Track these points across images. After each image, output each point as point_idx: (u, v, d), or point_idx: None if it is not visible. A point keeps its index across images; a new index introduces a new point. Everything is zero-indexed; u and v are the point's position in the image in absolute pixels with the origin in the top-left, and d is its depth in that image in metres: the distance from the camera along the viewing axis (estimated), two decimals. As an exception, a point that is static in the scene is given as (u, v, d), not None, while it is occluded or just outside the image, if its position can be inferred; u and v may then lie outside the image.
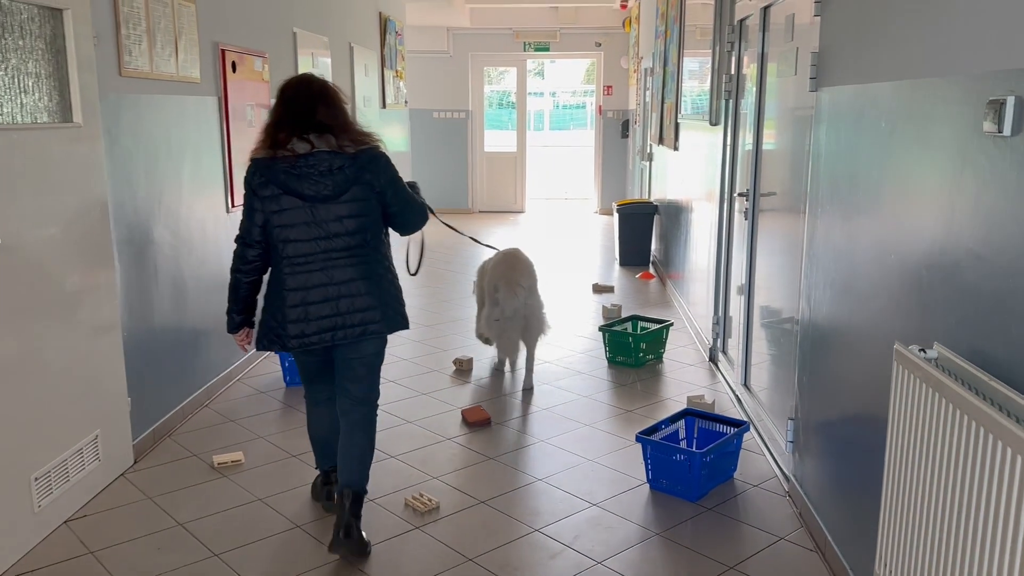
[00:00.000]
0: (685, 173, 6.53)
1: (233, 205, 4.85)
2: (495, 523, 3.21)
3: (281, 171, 2.85)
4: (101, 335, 3.46)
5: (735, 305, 4.74)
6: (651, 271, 8.10)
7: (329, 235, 2.90)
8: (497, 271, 4.73)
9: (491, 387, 4.79)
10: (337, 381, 3.09)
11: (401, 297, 3.09)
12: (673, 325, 5.47)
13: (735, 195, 4.70)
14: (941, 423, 1.77)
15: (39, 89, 3.11)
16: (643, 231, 8.39)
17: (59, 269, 3.18)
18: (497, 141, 13.68)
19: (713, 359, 5.18)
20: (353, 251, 2.93)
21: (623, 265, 8.43)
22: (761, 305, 4.19)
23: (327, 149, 2.87)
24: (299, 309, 2.91)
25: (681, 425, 3.73)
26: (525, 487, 3.51)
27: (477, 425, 4.16)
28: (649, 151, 9.03)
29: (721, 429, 3.66)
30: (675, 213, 7.06)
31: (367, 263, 2.96)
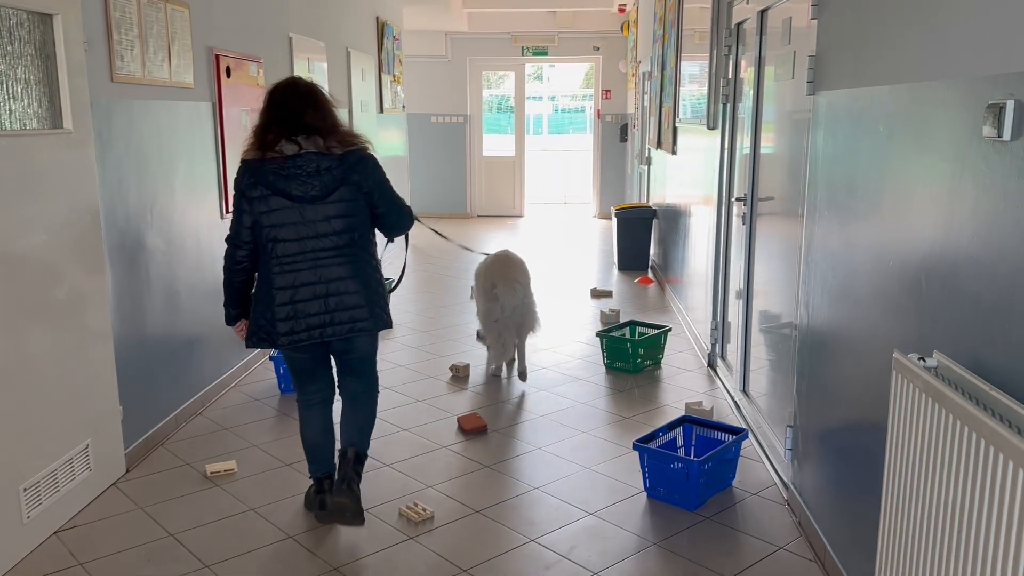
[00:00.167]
0: (683, 177, 6.49)
1: (227, 211, 4.82)
2: (490, 533, 3.17)
3: (270, 172, 2.93)
4: (92, 343, 3.42)
5: (734, 310, 4.70)
6: (650, 275, 8.06)
7: (317, 235, 2.96)
8: (492, 270, 4.94)
9: (488, 393, 4.75)
10: (337, 370, 3.24)
11: (387, 297, 3.17)
12: (671, 330, 5.43)
13: (733, 200, 4.66)
14: (941, 434, 1.74)
15: (28, 95, 3.08)
16: (642, 235, 8.35)
17: (49, 276, 3.14)
18: (496, 145, 13.65)
19: (712, 365, 5.14)
20: (341, 250, 2.99)
21: (622, 270, 8.39)
22: (760, 310, 4.15)
23: (315, 150, 2.96)
24: (288, 307, 2.97)
25: (679, 432, 3.69)
26: (521, 496, 3.47)
27: (473, 433, 4.12)
28: (647, 155, 9.00)
29: (719, 436, 3.61)
30: (674, 217, 7.02)
31: (355, 262, 3.02)
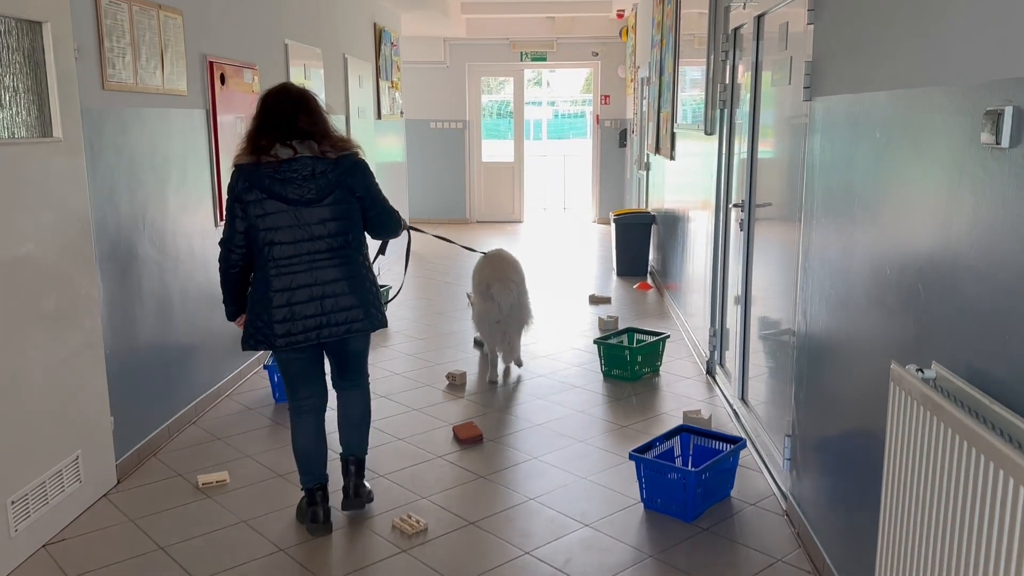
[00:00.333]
0: (682, 183, 6.46)
1: (221, 218, 4.78)
2: (484, 545, 3.13)
3: (265, 176, 2.97)
4: (83, 352, 3.38)
5: (732, 317, 4.66)
6: (649, 281, 8.02)
7: (313, 237, 3.00)
8: (487, 271, 5.03)
9: (484, 402, 4.71)
10: (332, 372, 3.32)
11: (381, 297, 3.22)
12: (670, 337, 5.39)
13: (731, 205, 4.63)
14: (939, 446, 1.70)
15: (17, 103, 3.05)
16: (641, 241, 8.31)
17: (39, 286, 3.11)
18: (495, 151, 13.61)
19: (710, 372, 5.10)
20: (336, 252, 3.04)
21: (620, 275, 8.34)
22: (758, 317, 4.11)
23: (309, 155, 3.00)
24: (285, 309, 3.00)
25: (676, 442, 3.65)
26: (516, 507, 3.42)
27: (469, 442, 4.08)
28: (646, 160, 8.96)
29: (717, 446, 3.57)
30: (672, 223, 6.98)
31: (350, 264, 3.07)
